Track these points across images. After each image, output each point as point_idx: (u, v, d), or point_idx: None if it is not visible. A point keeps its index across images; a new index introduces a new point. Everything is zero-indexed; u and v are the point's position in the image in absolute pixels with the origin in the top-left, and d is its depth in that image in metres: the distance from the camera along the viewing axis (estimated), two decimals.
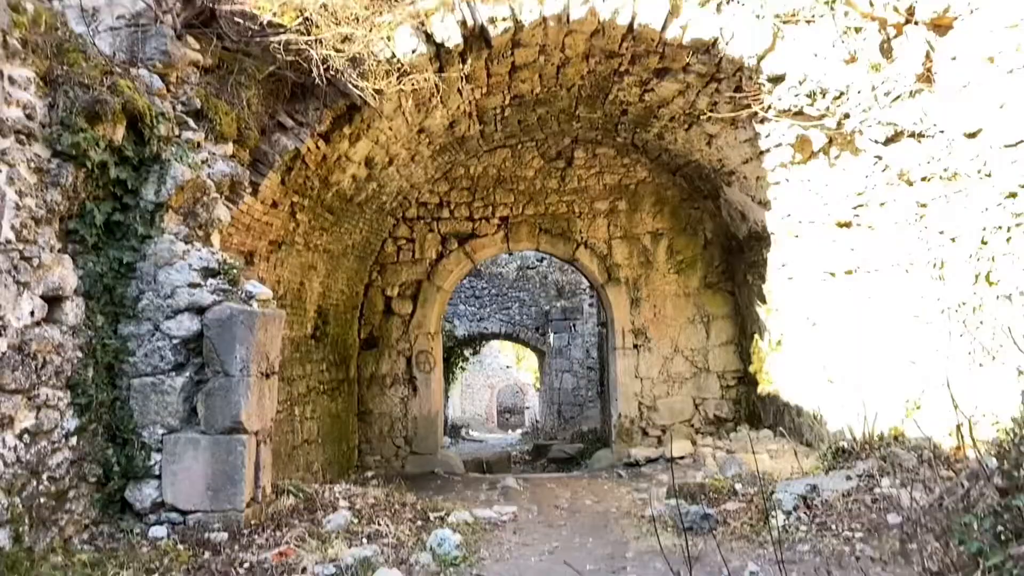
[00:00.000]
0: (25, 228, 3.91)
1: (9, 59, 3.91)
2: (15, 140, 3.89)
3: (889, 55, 5.73)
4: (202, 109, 5.27)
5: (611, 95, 9.08)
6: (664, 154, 10.75)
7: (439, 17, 6.67)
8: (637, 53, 7.65)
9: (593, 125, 10.66)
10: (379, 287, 11.38)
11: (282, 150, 6.27)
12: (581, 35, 7.41)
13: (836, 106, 6.34)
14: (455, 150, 10.64)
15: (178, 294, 4.65)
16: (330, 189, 7.94)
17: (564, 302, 20.16)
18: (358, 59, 6.12)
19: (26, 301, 3.90)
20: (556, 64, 8.17)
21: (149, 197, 4.70)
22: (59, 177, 4.14)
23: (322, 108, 6.41)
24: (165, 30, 5.05)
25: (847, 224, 7.37)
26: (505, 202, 11.65)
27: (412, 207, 11.54)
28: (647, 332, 11.29)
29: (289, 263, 7.82)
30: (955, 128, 5.44)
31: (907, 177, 6.13)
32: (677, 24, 6.90)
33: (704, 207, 11.33)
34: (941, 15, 5.41)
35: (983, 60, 5.16)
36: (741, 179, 9.19)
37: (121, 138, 4.54)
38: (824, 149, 7.09)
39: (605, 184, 11.62)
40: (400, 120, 7.90)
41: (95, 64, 4.49)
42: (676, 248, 11.43)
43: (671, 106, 8.74)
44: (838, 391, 7.74)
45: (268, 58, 5.79)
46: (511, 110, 9.70)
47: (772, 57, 6.59)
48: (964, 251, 5.64)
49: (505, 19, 6.88)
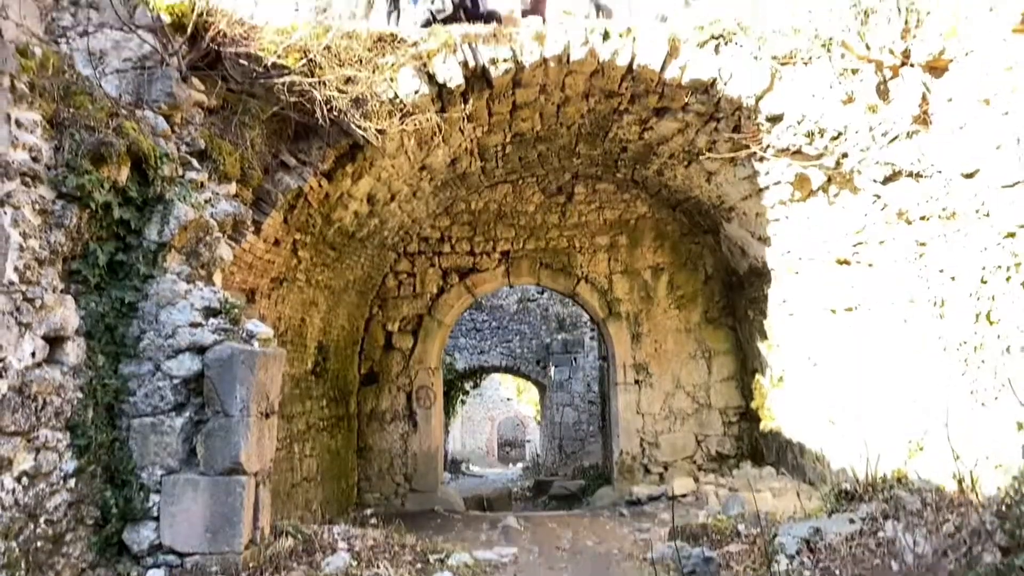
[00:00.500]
0: (29, 269, 3.92)
1: (16, 103, 3.96)
2: (20, 182, 3.93)
3: (886, 97, 5.80)
4: (206, 149, 5.32)
5: (611, 133, 9.17)
6: (664, 190, 10.82)
7: (441, 58, 6.78)
8: (636, 93, 7.74)
9: (593, 161, 10.74)
10: (380, 321, 11.38)
11: (285, 189, 6.32)
12: (581, 75, 7.51)
13: (834, 145, 6.40)
14: (456, 186, 10.72)
15: (179, 334, 4.64)
16: (332, 226, 7.98)
17: (565, 335, 20.13)
18: (361, 99, 6.19)
19: (28, 342, 3.90)
20: (556, 103, 8.26)
21: (152, 237, 4.72)
22: (63, 218, 4.17)
23: (325, 147, 6.47)
24: (171, 72, 5.12)
25: (847, 261, 7.39)
26: (506, 237, 11.70)
27: (413, 242, 11.58)
28: (648, 367, 11.26)
29: (290, 300, 7.83)
30: (953, 168, 5.49)
31: (906, 216, 6.17)
32: (676, 65, 7.00)
33: (704, 242, 11.37)
34: (937, 57, 5.49)
35: (979, 102, 5.22)
36: (741, 215, 9.24)
37: (125, 179, 4.57)
38: (823, 187, 7.14)
39: (605, 219, 11.67)
40: (402, 158, 7.97)
41: (101, 106, 4.55)
42: (677, 283, 11.44)
43: (670, 144, 8.82)
44: (840, 431, 7.70)
45: (272, 99, 5.86)
46: (512, 147, 9.78)
47: (770, 97, 6.68)
48: (964, 290, 5.65)
49: (506, 60, 6.98)
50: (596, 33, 7.06)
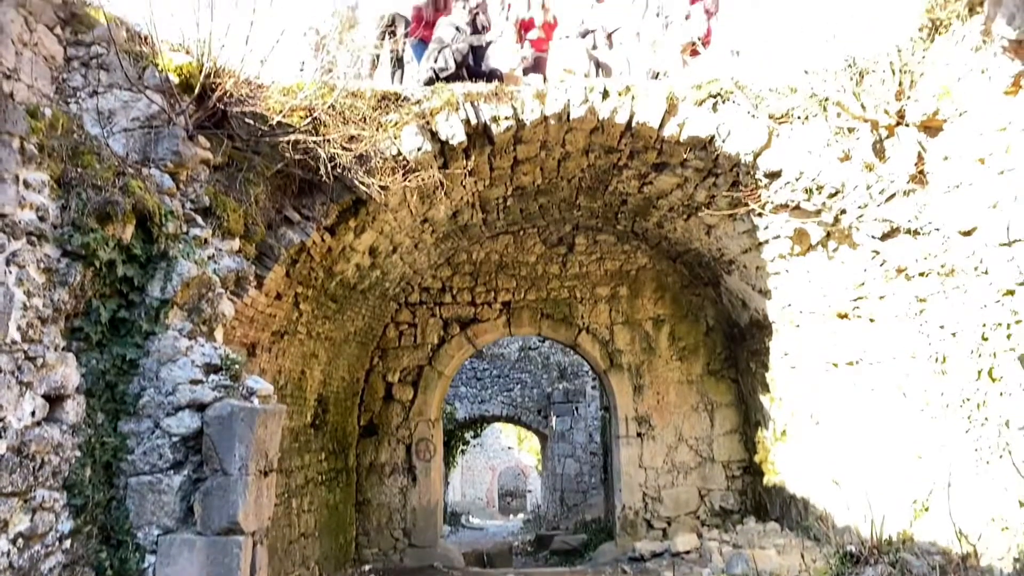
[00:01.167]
0: (31, 328, 3.94)
1: (25, 164, 4.02)
2: (26, 241, 3.97)
3: (882, 155, 5.88)
4: (210, 206, 5.37)
5: (611, 186, 9.27)
6: (664, 242, 10.89)
7: (444, 116, 6.89)
8: (636, 149, 7.85)
9: (593, 213, 10.83)
10: (380, 372, 11.34)
11: (288, 244, 6.36)
12: (581, 132, 7.63)
13: (832, 202, 6.46)
14: (458, 237, 10.79)
15: (180, 391, 4.63)
16: (334, 278, 8.02)
17: (566, 384, 20.02)
18: (365, 156, 6.28)
19: (28, 402, 3.90)
20: (557, 158, 8.37)
21: (155, 294, 4.74)
22: (67, 276, 4.20)
23: (329, 203, 6.53)
24: (177, 131, 5.20)
25: (848, 315, 7.40)
26: (507, 287, 11.73)
27: (415, 292, 11.61)
28: (650, 420, 11.18)
29: (291, 353, 7.83)
30: (950, 225, 5.53)
31: (905, 272, 6.20)
32: (674, 122, 7.11)
33: (705, 294, 11.39)
34: (931, 117, 5.57)
35: (974, 161, 5.28)
36: (741, 268, 9.27)
37: (130, 236, 4.62)
38: (822, 242, 7.18)
39: (606, 270, 11.72)
40: (405, 211, 8.05)
41: (108, 165, 4.61)
42: (678, 334, 11.43)
43: (670, 198, 8.90)
44: (845, 490, 7.61)
45: (276, 156, 5.94)
46: (513, 200, 9.88)
47: (768, 154, 6.77)
48: (965, 346, 5.64)
49: (507, 118, 7.10)
50: (595, 92, 7.19)
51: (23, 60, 4.87)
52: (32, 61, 4.91)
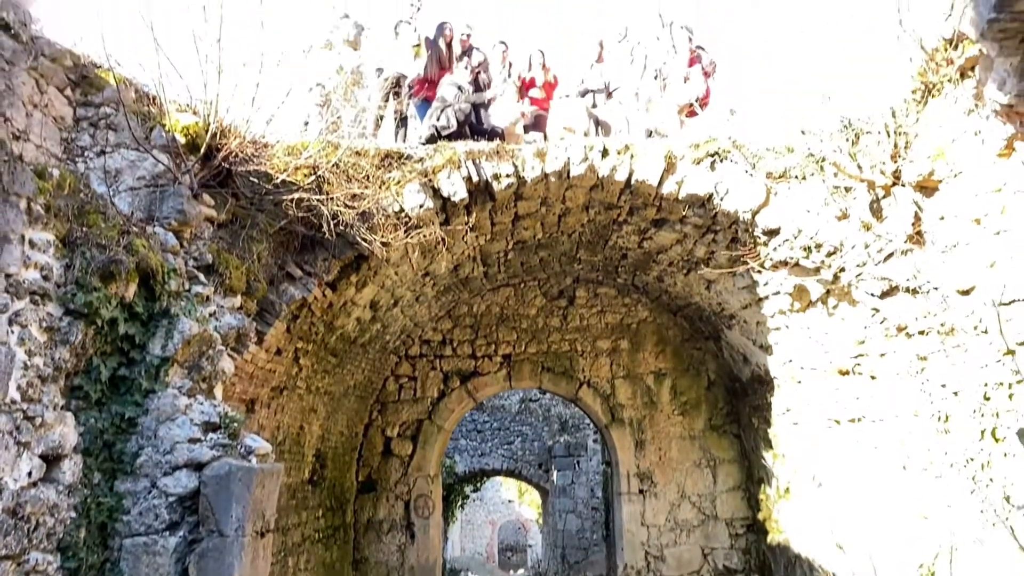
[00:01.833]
0: (31, 387, 3.93)
1: (32, 224, 4.07)
2: (30, 301, 3.99)
3: (879, 215, 5.94)
4: (213, 263, 5.41)
5: (611, 241, 9.33)
6: (664, 295, 10.91)
7: (446, 174, 6.99)
8: (635, 205, 7.93)
9: (594, 267, 10.89)
10: (379, 427, 11.25)
11: (289, 299, 6.39)
12: (581, 189, 7.72)
13: (831, 260, 6.51)
14: (459, 290, 10.82)
15: (177, 450, 4.60)
16: (334, 333, 8.03)
17: (568, 437, 19.84)
18: (367, 213, 6.35)
19: (25, 462, 3.87)
20: (557, 214, 8.45)
21: (155, 352, 4.74)
22: (69, 335, 4.21)
23: (331, 259, 6.58)
24: (182, 190, 5.27)
25: (849, 372, 7.38)
26: (508, 340, 11.72)
27: (415, 345, 11.59)
28: (652, 476, 11.05)
29: (289, 408, 7.79)
30: (948, 285, 5.56)
31: (905, 330, 6.20)
32: (673, 180, 7.20)
33: (706, 348, 11.37)
34: (927, 178, 5.65)
35: (970, 221, 5.33)
36: (741, 323, 9.28)
37: (132, 295, 4.64)
38: (822, 299, 7.20)
39: (607, 323, 11.72)
40: (406, 266, 8.09)
41: (113, 224, 4.66)
42: (680, 389, 11.38)
43: (669, 253, 8.96)
44: (850, 553, 7.48)
45: (280, 213, 6.00)
46: (514, 253, 9.94)
47: (766, 212, 6.83)
48: (967, 406, 5.62)
49: (508, 175, 7.20)
50: (595, 150, 7.30)
51: (33, 121, 4.98)
52: (42, 122, 5.01)
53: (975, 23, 4.55)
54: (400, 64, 9.14)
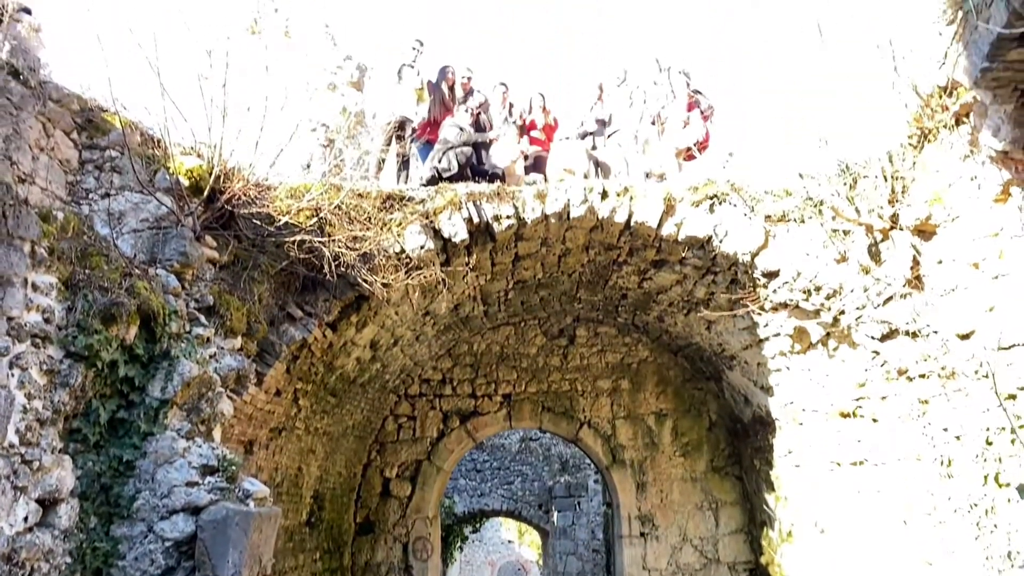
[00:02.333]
0: (30, 431, 3.91)
1: (35, 267, 4.09)
2: (31, 344, 3.99)
3: (878, 258, 5.97)
4: (214, 305, 5.42)
5: (611, 281, 9.36)
6: (665, 335, 10.91)
7: (447, 215, 7.04)
8: (635, 246, 7.98)
9: (594, 306, 10.90)
10: (378, 467, 11.15)
11: (290, 340, 6.39)
12: (581, 230, 7.77)
13: (831, 303, 6.52)
14: (459, 328, 10.82)
15: (175, 493, 4.56)
16: (334, 372, 8.01)
17: (568, 477, 19.64)
18: (368, 254, 6.38)
19: (21, 507, 3.84)
20: (558, 254, 8.49)
21: (155, 394, 4.73)
22: (69, 378, 4.21)
23: (331, 299, 6.60)
24: (185, 232, 5.30)
25: (850, 414, 7.35)
26: (508, 379, 11.68)
27: (415, 384, 11.55)
28: (654, 519, 10.92)
29: (288, 449, 7.74)
30: (948, 328, 5.56)
31: (906, 373, 6.19)
32: (672, 222, 7.25)
33: (707, 388, 11.33)
34: (924, 222, 5.68)
35: (968, 265, 5.36)
36: (742, 364, 9.26)
37: (133, 337, 4.64)
38: (822, 341, 7.20)
39: (607, 362, 11.69)
40: (407, 305, 8.11)
41: (116, 267, 4.68)
42: (681, 430, 11.30)
43: (669, 293, 8.98)
44: None
45: (282, 254, 6.03)
46: (514, 292, 9.96)
47: (765, 254, 6.86)
48: (970, 450, 5.58)
49: (509, 216, 7.25)
50: (595, 192, 7.36)
51: (39, 164, 5.04)
52: (48, 165, 5.07)
53: (968, 72, 4.62)
54: (403, 107, 9.26)
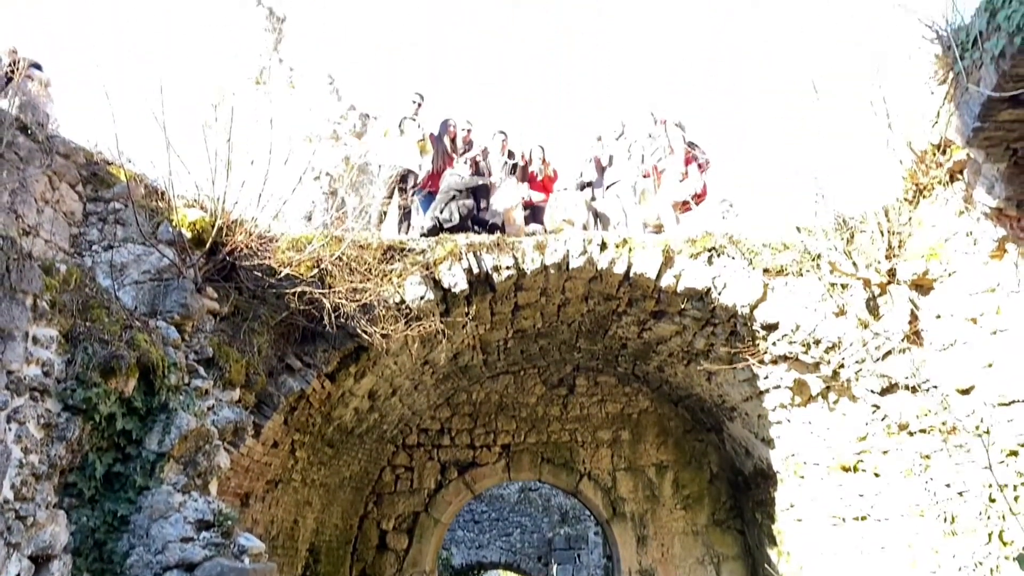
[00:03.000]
0: (25, 486, 3.88)
1: (36, 321, 4.10)
2: (29, 397, 3.98)
3: (876, 313, 5.99)
4: (213, 357, 5.42)
5: (610, 331, 9.36)
6: (665, 385, 10.86)
7: (447, 266, 7.08)
8: (634, 297, 8.00)
9: (594, 356, 10.88)
10: (374, 519, 10.99)
11: (288, 391, 6.37)
12: (580, 280, 7.80)
13: (830, 356, 6.52)
14: (458, 377, 10.78)
15: (169, 549, 4.49)
16: (332, 423, 7.96)
17: (568, 529, 19.35)
18: (368, 305, 6.40)
19: (14, 563, 3.78)
20: (557, 304, 8.52)
21: (152, 447, 4.70)
22: (66, 431, 4.19)
23: (331, 350, 6.60)
24: (186, 284, 5.33)
25: (853, 468, 7.28)
26: (507, 429, 11.58)
27: (413, 434, 11.45)
28: (655, 573, 10.71)
29: (284, 501, 7.64)
30: (948, 383, 5.56)
31: (907, 428, 6.16)
32: (671, 274, 7.29)
33: (708, 440, 11.24)
34: (921, 276, 5.72)
35: (967, 320, 5.37)
36: (743, 415, 9.21)
37: (132, 389, 4.64)
38: (822, 394, 7.18)
39: (607, 413, 11.61)
40: (406, 355, 8.10)
41: (117, 319, 4.70)
42: (682, 482, 11.17)
43: (669, 344, 8.97)
44: None
45: (282, 305, 6.05)
46: (514, 342, 9.96)
47: (764, 307, 6.89)
48: (973, 507, 5.52)
49: (509, 267, 7.29)
50: (594, 243, 7.42)
51: (44, 217, 5.10)
52: (53, 218, 5.13)
53: (960, 131, 4.70)
54: (405, 159, 9.39)
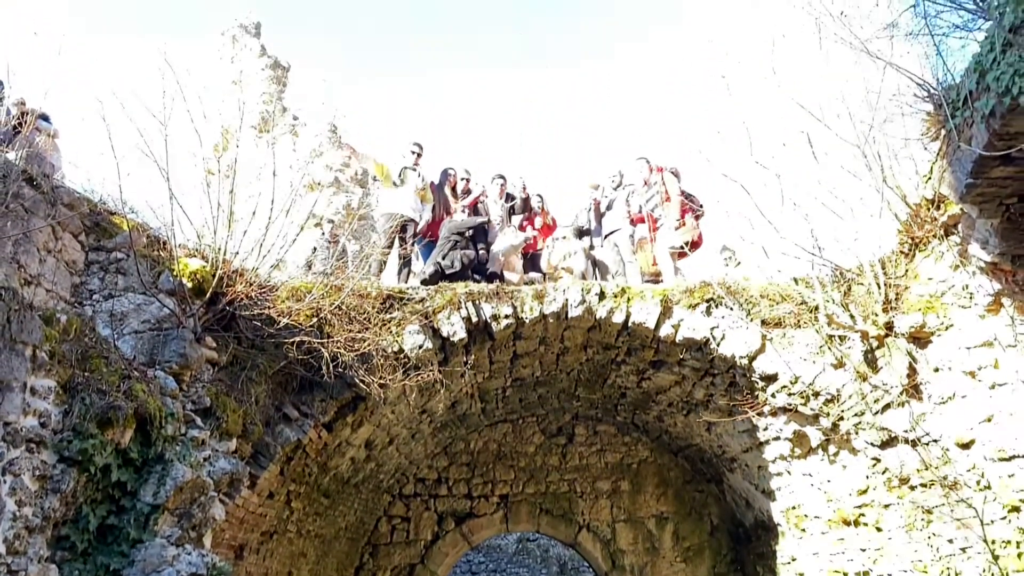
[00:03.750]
0: (18, 539, 3.84)
1: (35, 372, 4.10)
2: (25, 449, 3.96)
3: (874, 365, 5.99)
4: (211, 406, 5.41)
5: (609, 379, 9.34)
6: (665, 435, 10.79)
7: (446, 315, 7.10)
8: (633, 346, 8.00)
9: (593, 404, 10.82)
10: (370, 570, 10.79)
11: (285, 442, 6.33)
12: (579, 330, 7.81)
13: (829, 408, 6.50)
14: (456, 426, 10.71)
15: None
16: (328, 473, 7.89)
17: None
18: (367, 355, 6.40)
19: None
20: (556, 352, 8.51)
21: (147, 499, 4.65)
22: (61, 483, 4.15)
23: (328, 400, 6.58)
24: (186, 334, 5.34)
25: (854, 522, 7.19)
26: (505, 479, 11.45)
27: (409, 483, 11.32)
28: None
29: (279, 553, 7.53)
30: (948, 437, 5.53)
31: (908, 482, 6.11)
32: (669, 324, 7.31)
33: (708, 491, 11.12)
34: (918, 329, 5.73)
35: (965, 374, 5.37)
36: (743, 466, 9.14)
37: (128, 440, 4.61)
38: (822, 446, 7.14)
39: (607, 462, 11.49)
40: (403, 404, 8.06)
41: (115, 369, 4.70)
42: (682, 534, 11.01)
43: (668, 394, 8.95)
44: None
45: (280, 354, 6.05)
46: (512, 390, 9.92)
47: (763, 358, 6.88)
48: (976, 564, 5.45)
49: (507, 316, 7.31)
50: (592, 293, 7.45)
51: (46, 267, 5.13)
52: (55, 268, 5.16)
53: (954, 187, 4.77)
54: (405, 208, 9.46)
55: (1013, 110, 3.94)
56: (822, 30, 5.87)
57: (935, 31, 4.82)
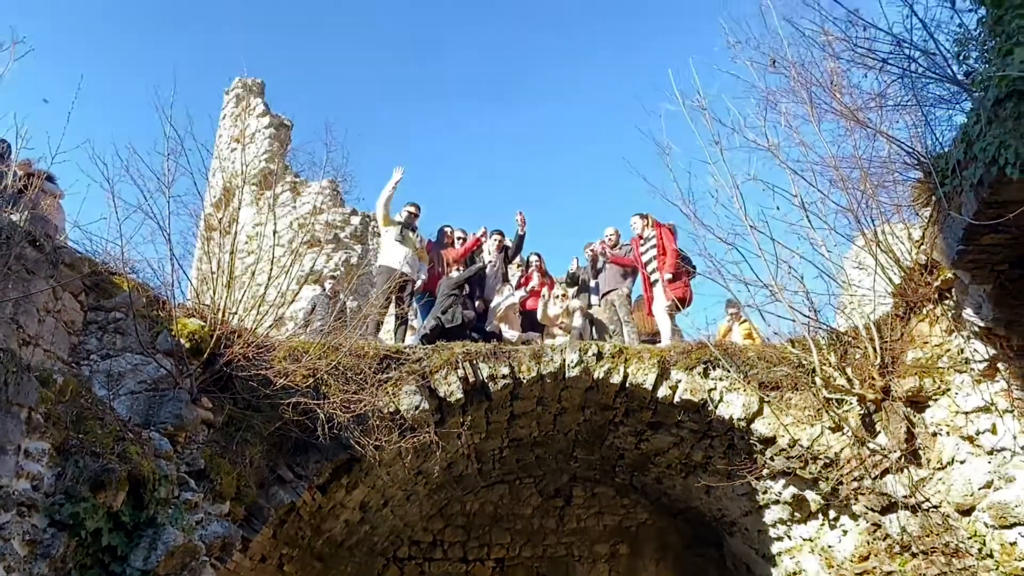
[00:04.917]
0: None
1: (29, 434, 4.08)
2: (16, 513, 3.92)
3: (872, 429, 5.97)
4: (205, 468, 5.37)
5: (608, 440, 9.27)
6: (664, 497, 10.65)
7: (443, 374, 7.10)
8: (631, 407, 7.97)
9: (591, 465, 10.70)
10: None
11: (278, 504, 6.25)
12: (576, 390, 7.79)
13: (828, 472, 6.45)
14: (452, 487, 10.57)
15: None
16: (321, 536, 7.77)
17: None
18: (363, 416, 6.37)
19: None
20: (553, 413, 8.47)
21: (137, 565, 4.58)
22: (51, 548, 4.09)
23: (323, 461, 6.52)
24: (182, 395, 5.33)
25: None
26: (501, 542, 11.24)
27: (404, 545, 11.09)
28: None
29: None
30: (948, 503, 5.48)
31: (910, 548, 6.03)
32: (666, 385, 7.30)
33: (708, 556, 10.90)
34: (916, 393, 5.73)
35: (963, 439, 5.35)
36: (743, 530, 9.00)
37: (120, 503, 4.56)
38: (822, 510, 7.06)
39: (605, 525, 11.30)
40: (399, 466, 7.98)
41: (110, 430, 4.67)
42: None
43: (667, 455, 8.87)
44: None
45: (276, 416, 6.03)
46: (509, 451, 9.83)
47: (761, 420, 6.86)
48: None
49: (505, 376, 7.30)
50: (590, 353, 7.45)
51: (45, 327, 5.15)
52: (54, 328, 5.18)
53: (945, 253, 4.83)
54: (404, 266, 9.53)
55: (1000, 180, 4.02)
56: (813, 100, 6.03)
57: (923, 102, 4.95)
